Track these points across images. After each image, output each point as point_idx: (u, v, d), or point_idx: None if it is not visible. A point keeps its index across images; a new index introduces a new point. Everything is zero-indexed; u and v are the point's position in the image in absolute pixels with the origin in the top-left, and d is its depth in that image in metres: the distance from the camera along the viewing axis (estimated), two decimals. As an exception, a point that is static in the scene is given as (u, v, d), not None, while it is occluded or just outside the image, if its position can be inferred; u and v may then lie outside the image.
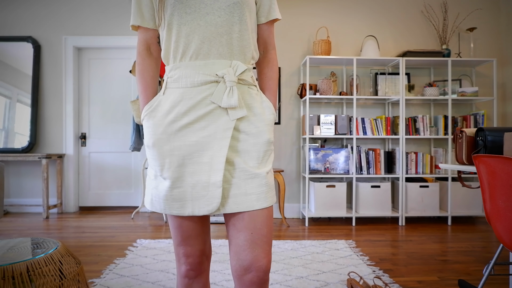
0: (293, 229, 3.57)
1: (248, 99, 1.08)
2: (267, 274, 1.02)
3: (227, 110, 1.03)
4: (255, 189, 1.02)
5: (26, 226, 3.66)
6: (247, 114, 1.06)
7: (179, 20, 1.03)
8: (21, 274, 1.27)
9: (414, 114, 4.19)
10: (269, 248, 1.03)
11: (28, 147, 4.25)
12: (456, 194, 3.83)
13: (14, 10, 4.35)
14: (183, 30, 1.03)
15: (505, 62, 4.22)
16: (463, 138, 2.01)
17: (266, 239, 1.02)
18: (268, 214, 1.04)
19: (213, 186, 1.00)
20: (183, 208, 1.02)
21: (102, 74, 4.53)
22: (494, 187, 1.51)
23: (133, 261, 2.54)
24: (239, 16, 1.04)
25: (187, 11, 1.02)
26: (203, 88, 1.03)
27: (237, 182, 1.01)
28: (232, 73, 1.03)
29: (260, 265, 1.00)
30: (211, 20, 1.02)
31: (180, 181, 1.02)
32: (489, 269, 1.70)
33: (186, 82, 1.04)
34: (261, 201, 1.02)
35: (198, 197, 1.01)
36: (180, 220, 1.07)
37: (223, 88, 1.02)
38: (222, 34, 1.03)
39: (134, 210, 4.43)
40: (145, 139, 1.11)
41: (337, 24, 4.22)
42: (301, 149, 4.14)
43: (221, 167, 1.00)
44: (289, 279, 2.21)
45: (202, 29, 1.02)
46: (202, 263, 1.13)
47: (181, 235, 1.09)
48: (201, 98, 1.02)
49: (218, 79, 1.03)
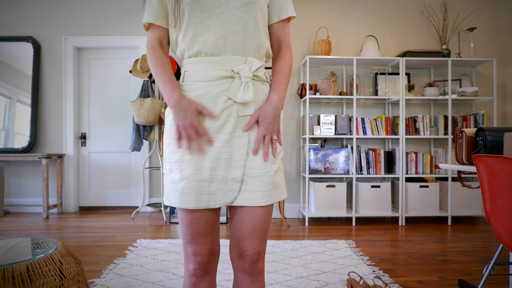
0: (293, 229, 3.57)
1: (261, 95, 1.11)
2: (256, 262, 1.10)
3: (238, 106, 1.06)
4: (261, 187, 1.07)
5: (26, 226, 3.66)
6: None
7: (195, 18, 1.06)
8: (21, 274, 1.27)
9: (414, 114, 4.19)
10: (260, 241, 1.10)
11: (28, 147, 4.25)
12: (456, 194, 3.83)
13: (14, 10, 4.35)
14: (199, 28, 1.06)
15: (505, 62, 4.22)
16: (463, 138, 2.01)
17: (258, 233, 1.09)
18: (266, 213, 1.10)
19: (232, 180, 1.06)
20: (198, 202, 1.05)
21: (102, 74, 4.53)
22: (494, 187, 1.51)
23: (133, 261, 2.54)
24: (252, 15, 1.08)
25: (203, 10, 1.06)
26: (218, 82, 1.06)
27: (246, 179, 1.06)
28: (247, 69, 1.07)
29: (248, 254, 1.09)
30: (226, 18, 1.06)
31: (198, 175, 1.04)
32: (489, 269, 1.70)
33: (202, 76, 1.07)
34: (265, 199, 1.07)
35: (215, 191, 1.05)
36: (191, 217, 1.08)
37: (238, 84, 1.06)
38: (236, 32, 1.07)
39: (134, 210, 4.43)
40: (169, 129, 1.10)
41: (337, 24, 4.22)
42: (301, 149, 4.14)
43: (241, 164, 1.06)
44: (289, 279, 2.21)
45: (218, 27, 1.06)
46: (210, 262, 1.13)
47: (191, 233, 1.09)
48: (216, 93, 1.06)
49: (233, 74, 1.07)
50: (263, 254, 1.12)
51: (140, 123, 3.84)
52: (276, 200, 1.10)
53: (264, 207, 1.09)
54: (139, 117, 3.79)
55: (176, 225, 3.70)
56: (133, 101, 3.80)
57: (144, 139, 4.06)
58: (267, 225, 1.11)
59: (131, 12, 4.36)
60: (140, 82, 4.44)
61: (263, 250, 1.12)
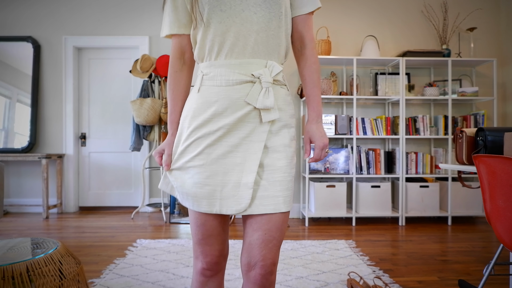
0: (293, 229, 3.56)
1: (279, 99, 1.08)
2: (270, 274, 1.03)
3: (261, 111, 1.03)
4: (282, 192, 1.03)
5: (26, 226, 3.66)
6: (280, 115, 1.07)
7: (215, 18, 1.01)
8: (21, 274, 1.27)
9: (414, 114, 4.19)
10: (276, 251, 1.05)
11: (28, 147, 4.25)
12: (456, 194, 3.83)
13: (14, 10, 4.35)
14: (218, 28, 1.02)
15: (505, 62, 4.22)
16: (463, 138, 2.01)
17: (276, 241, 1.04)
18: (284, 219, 1.05)
19: (244, 186, 1.01)
20: (211, 206, 1.03)
21: (102, 74, 4.53)
22: (494, 187, 1.51)
23: (133, 261, 2.54)
24: (276, 11, 1.03)
25: (222, 9, 1.01)
26: (238, 87, 1.02)
27: (265, 184, 1.02)
28: (268, 74, 1.03)
29: (263, 264, 1.02)
30: (247, 17, 1.01)
31: (211, 179, 1.03)
32: (489, 269, 1.70)
33: (221, 81, 1.03)
34: (286, 204, 1.04)
35: (228, 196, 1.02)
36: (204, 219, 1.07)
37: (258, 89, 1.02)
38: (258, 31, 1.02)
39: (134, 210, 4.43)
40: (181, 134, 1.11)
41: (337, 24, 4.22)
42: (301, 149, 4.14)
43: (254, 169, 1.01)
44: (289, 279, 2.21)
45: (238, 26, 1.01)
46: (219, 263, 1.12)
47: (202, 233, 1.08)
48: (236, 98, 1.02)
49: (253, 79, 1.03)
50: (276, 265, 1.07)
51: (140, 123, 3.84)
52: (291, 206, 1.07)
53: (284, 214, 1.05)
54: (139, 117, 3.79)
55: (176, 225, 3.70)
56: (133, 101, 3.80)
57: (144, 139, 4.06)
58: (284, 233, 1.07)
59: (131, 12, 4.36)
60: (140, 82, 4.44)
61: (277, 261, 1.07)
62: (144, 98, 3.82)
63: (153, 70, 3.91)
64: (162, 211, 3.97)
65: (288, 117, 1.10)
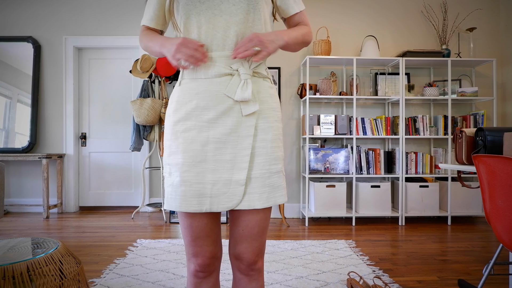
0: (293, 229, 3.57)
1: (262, 92, 1.07)
2: (254, 265, 1.09)
3: (240, 104, 1.02)
4: (257, 189, 1.03)
5: (26, 226, 3.67)
6: (261, 108, 1.06)
7: (194, 10, 1.01)
8: (21, 274, 1.28)
9: (414, 114, 4.19)
10: (258, 245, 1.08)
11: (28, 147, 4.25)
12: (456, 194, 3.83)
13: (14, 10, 4.36)
14: (197, 20, 1.02)
15: (505, 62, 4.22)
16: (463, 138, 2.01)
17: (256, 237, 1.07)
18: (263, 216, 1.07)
19: (236, 183, 1.01)
20: (200, 205, 1.02)
21: (102, 74, 4.54)
22: (494, 187, 1.51)
23: (133, 261, 2.54)
24: (254, 4, 1.03)
25: (201, 0, 1.01)
26: (217, 80, 1.02)
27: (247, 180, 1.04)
28: (247, 66, 1.03)
29: (245, 257, 1.08)
30: (226, 8, 1.01)
31: (200, 177, 1.02)
32: (489, 269, 1.71)
33: (200, 74, 1.03)
34: (262, 201, 1.03)
35: (218, 194, 1.02)
36: (190, 220, 1.06)
37: (237, 81, 1.01)
38: (237, 23, 1.02)
39: (134, 210, 4.43)
40: (167, 129, 1.09)
41: (337, 24, 4.22)
42: (301, 149, 4.14)
43: (245, 166, 1.02)
44: (289, 279, 2.22)
45: (217, 18, 1.01)
46: (212, 265, 1.11)
47: (191, 235, 1.08)
48: (216, 91, 1.02)
49: (232, 71, 1.02)
50: (261, 255, 1.10)
51: (140, 123, 3.84)
52: (274, 203, 1.06)
53: (261, 210, 1.05)
54: (139, 117, 3.79)
55: (177, 225, 3.70)
56: (133, 101, 3.81)
57: (144, 139, 4.06)
58: (264, 229, 1.08)
59: (131, 12, 4.37)
60: (140, 82, 4.44)
61: (261, 252, 1.10)
62: (144, 98, 3.82)
63: (153, 70, 3.91)
64: (162, 211, 3.97)
65: (270, 109, 1.08)
